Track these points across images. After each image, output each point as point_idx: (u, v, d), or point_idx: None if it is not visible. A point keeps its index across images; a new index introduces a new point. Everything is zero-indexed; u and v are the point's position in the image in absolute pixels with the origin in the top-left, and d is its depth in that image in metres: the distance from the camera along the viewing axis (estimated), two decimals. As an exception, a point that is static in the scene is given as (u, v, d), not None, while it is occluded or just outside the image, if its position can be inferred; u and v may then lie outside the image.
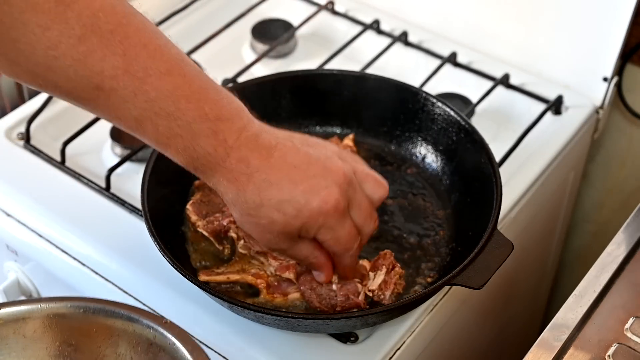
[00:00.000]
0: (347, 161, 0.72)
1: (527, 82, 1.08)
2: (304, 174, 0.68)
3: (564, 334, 0.72)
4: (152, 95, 0.62)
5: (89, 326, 0.69)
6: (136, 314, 0.68)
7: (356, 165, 0.73)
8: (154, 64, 0.62)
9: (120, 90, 0.61)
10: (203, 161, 0.66)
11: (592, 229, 1.34)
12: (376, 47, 1.11)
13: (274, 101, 0.94)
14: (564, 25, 1.06)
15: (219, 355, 0.80)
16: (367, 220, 0.73)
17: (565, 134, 1.02)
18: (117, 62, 0.61)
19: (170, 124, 0.64)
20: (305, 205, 0.68)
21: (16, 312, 0.69)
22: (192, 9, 1.19)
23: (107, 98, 0.62)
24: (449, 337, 0.91)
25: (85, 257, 0.88)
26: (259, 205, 0.67)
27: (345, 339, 0.79)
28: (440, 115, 0.90)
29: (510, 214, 0.93)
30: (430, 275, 0.82)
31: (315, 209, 0.68)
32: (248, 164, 0.66)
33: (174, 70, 0.63)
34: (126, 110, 0.63)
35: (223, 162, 0.66)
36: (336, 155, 0.72)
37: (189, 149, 0.65)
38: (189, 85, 0.64)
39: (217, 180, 0.68)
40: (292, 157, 0.68)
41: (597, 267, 0.78)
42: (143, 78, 0.62)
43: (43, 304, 0.69)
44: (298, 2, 1.21)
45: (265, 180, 0.67)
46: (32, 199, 0.93)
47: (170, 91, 0.63)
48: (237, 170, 0.66)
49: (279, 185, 0.67)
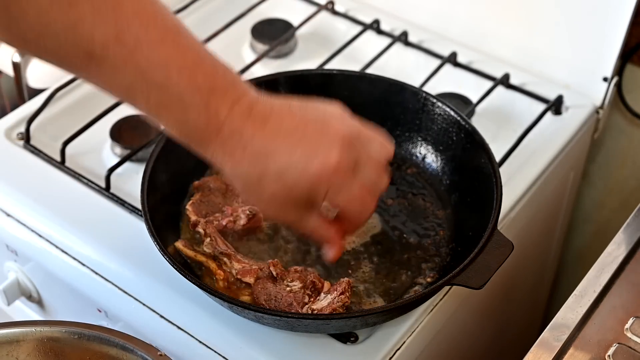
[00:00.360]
0: (348, 121, 0.69)
1: (527, 82, 1.08)
2: (300, 139, 0.65)
3: (564, 334, 0.72)
4: (143, 64, 0.61)
5: (83, 352, 0.68)
6: (131, 344, 0.67)
7: (359, 127, 0.70)
8: (146, 33, 0.61)
9: (110, 59, 0.60)
10: (196, 134, 0.64)
11: (592, 229, 1.34)
12: (376, 47, 1.11)
13: (274, 101, 0.94)
14: (564, 25, 1.06)
15: (219, 355, 0.80)
16: (378, 177, 0.70)
17: (565, 134, 1.02)
18: (108, 30, 0.59)
19: (161, 95, 0.62)
20: (304, 170, 0.65)
21: (10, 335, 0.68)
22: (192, 9, 1.19)
23: (98, 66, 0.61)
24: (449, 337, 0.91)
25: (85, 257, 0.88)
26: (258, 177, 0.65)
27: (345, 339, 0.79)
28: (440, 115, 0.90)
29: (510, 214, 0.93)
30: (430, 275, 0.82)
31: (317, 172, 0.65)
32: (242, 135, 0.64)
33: (167, 39, 0.62)
34: (117, 80, 0.62)
35: (216, 134, 0.64)
36: (337, 116, 0.69)
37: (180, 120, 0.64)
38: (182, 55, 0.62)
39: (212, 152, 0.66)
40: (288, 122, 0.66)
41: (597, 267, 0.78)
42: (134, 47, 0.60)
43: (38, 327, 0.69)
44: (298, 2, 1.21)
45: (261, 150, 0.64)
46: (32, 199, 0.93)
47: (161, 61, 0.61)
48: (231, 142, 0.64)
49: (276, 153, 0.65)
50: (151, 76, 0.61)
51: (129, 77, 0.61)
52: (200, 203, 0.85)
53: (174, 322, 0.82)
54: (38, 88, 1.15)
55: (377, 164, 0.70)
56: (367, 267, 0.83)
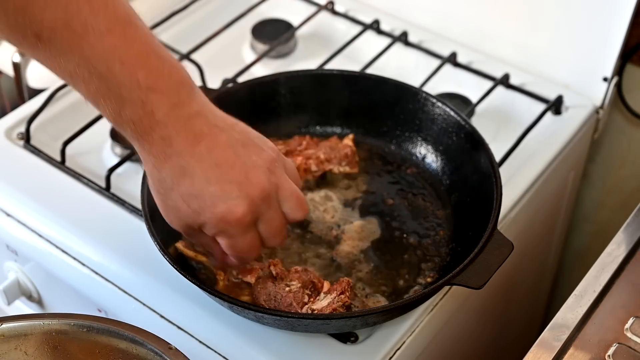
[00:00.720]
0: (274, 174, 0.69)
1: (527, 82, 1.08)
2: (221, 175, 0.66)
3: (564, 334, 0.72)
4: (87, 53, 0.60)
5: (91, 346, 0.67)
6: (141, 337, 0.66)
7: (283, 182, 0.70)
8: (95, 21, 0.60)
9: (57, 43, 0.60)
10: (128, 127, 0.64)
11: (592, 229, 1.34)
12: (376, 47, 1.11)
13: (274, 101, 0.94)
14: (564, 25, 1.06)
15: (219, 355, 0.80)
16: (273, 236, 0.72)
17: (565, 134, 1.02)
18: (57, 14, 0.59)
19: (101, 85, 0.62)
20: (210, 206, 0.66)
21: (18, 328, 0.67)
22: (192, 9, 1.19)
23: (45, 48, 0.61)
24: (449, 337, 0.91)
25: (85, 257, 0.88)
26: (170, 188, 0.67)
27: (345, 339, 0.79)
28: (440, 115, 0.90)
29: (510, 214, 0.93)
30: (430, 275, 0.82)
31: (219, 214, 0.67)
32: (170, 144, 0.64)
33: (115, 29, 0.61)
34: (61, 63, 0.61)
35: (146, 134, 0.64)
36: (267, 164, 0.69)
37: (115, 112, 0.63)
38: (128, 47, 0.61)
39: (138, 148, 0.66)
40: (217, 153, 0.66)
41: (597, 267, 0.78)
42: (81, 34, 0.60)
43: (45, 320, 0.68)
44: (298, 2, 1.21)
45: (182, 167, 0.65)
46: (32, 199, 0.93)
47: (106, 52, 0.60)
48: (158, 146, 0.65)
49: (193, 177, 0.66)
50: (94, 65, 0.61)
51: (72, 63, 0.61)
52: (200, 203, 0.85)
53: (174, 322, 0.82)
54: (38, 88, 1.15)
55: (282, 222, 0.72)
56: (367, 267, 0.83)
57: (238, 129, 0.69)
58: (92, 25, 0.60)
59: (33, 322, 0.68)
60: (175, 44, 1.09)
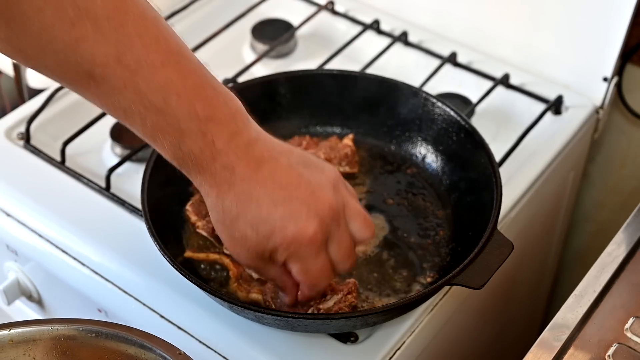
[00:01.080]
0: (340, 192, 0.68)
1: (527, 82, 1.08)
2: (288, 196, 0.65)
3: (564, 334, 0.72)
4: (142, 87, 0.60)
5: (100, 351, 0.66)
6: (150, 343, 0.65)
7: (348, 200, 0.69)
8: (149, 56, 0.59)
9: (110, 80, 0.59)
10: (188, 160, 0.64)
11: (592, 229, 1.34)
12: (376, 47, 1.11)
13: (274, 101, 0.94)
14: (564, 25, 1.06)
15: (219, 355, 0.80)
16: (345, 258, 0.70)
17: (565, 134, 1.02)
18: (109, 51, 0.58)
19: (158, 119, 0.61)
20: (280, 229, 0.65)
21: (27, 333, 0.66)
22: (192, 9, 1.19)
23: (97, 86, 0.60)
24: (449, 337, 0.91)
25: (85, 257, 0.88)
26: (235, 217, 0.65)
27: (345, 339, 0.79)
28: (440, 115, 0.90)
29: (510, 214, 0.93)
30: (430, 275, 0.82)
31: (289, 236, 0.65)
32: (233, 172, 0.63)
33: (169, 63, 0.60)
34: (115, 101, 0.61)
35: (208, 165, 0.63)
36: (331, 183, 0.67)
37: (174, 146, 0.63)
38: (183, 80, 0.61)
39: (200, 181, 0.65)
40: (281, 175, 0.65)
41: (597, 267, 0.78)
42: (135, 69, 0.59)
43: (54, 325, 0.67)
44: (298, 2, 1.21)
45: (247, 193, 0.64)
46: (32, 199, 0.93)
47: (161, 85, 0.60)
48: (220, 176, 0.64)
49: (260, 202, 0.64)
50: (150, 100, 0.60)
51: (127, 99, 0.60)
52: (200, 203, 0.85)
53: (174, 322, 0.82)
54: (38, 88, 1.15)
55: (351, 243, 0.70)
56: (367, 267, 0.83)
57: (296, 152, 0.68)
58: (145, 59, 0.59)
59: (41, 328, 0.67)
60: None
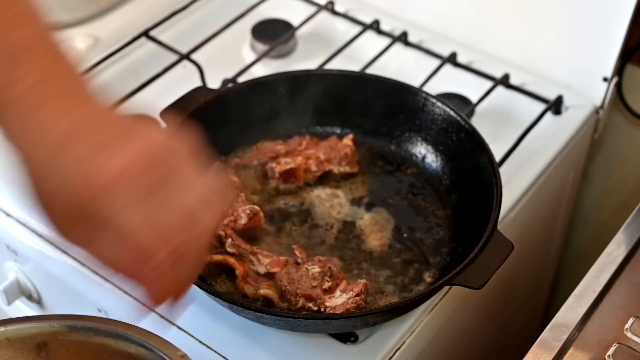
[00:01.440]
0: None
1: (527, 82, 1.08)
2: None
3: (564, 334, 0.72)
4: None
5: (100, 349, 0.65)
6: (150, 342, 0.63)
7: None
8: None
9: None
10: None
11: (592, 229, 1.34)
12: (376, 47, 1.11)
13: (274, 101, 0.94)
14: (564, 25, 1.06)
15: (219, 355, 0.80)
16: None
17: (565, 134, 1.02)
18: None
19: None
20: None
21: (24, 330, 0.66)
22: (192, 9, 1.19)
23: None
24: (448, 337, 0.91)
25: (85, 257, 0.88)
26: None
27: (345, 339, 0.79)
28: (440, 115, 0.90)
29: (510, 214, 0.93)
30: (430, 275, 0.82)
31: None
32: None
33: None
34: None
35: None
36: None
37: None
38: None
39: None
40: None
41: (597, 267, 0.78)
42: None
43: (52, 322, 0.66)
44: (298, 2, 1.21)
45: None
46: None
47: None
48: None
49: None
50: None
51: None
52: (200, 203, 0.85)
53: (174, 322, 0.82)
54: (38, 88, 1.15)
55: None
56: (367, 267, 0.83)
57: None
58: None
59: (39, 324, 0.66)
60: (175, 44, 1.09)
